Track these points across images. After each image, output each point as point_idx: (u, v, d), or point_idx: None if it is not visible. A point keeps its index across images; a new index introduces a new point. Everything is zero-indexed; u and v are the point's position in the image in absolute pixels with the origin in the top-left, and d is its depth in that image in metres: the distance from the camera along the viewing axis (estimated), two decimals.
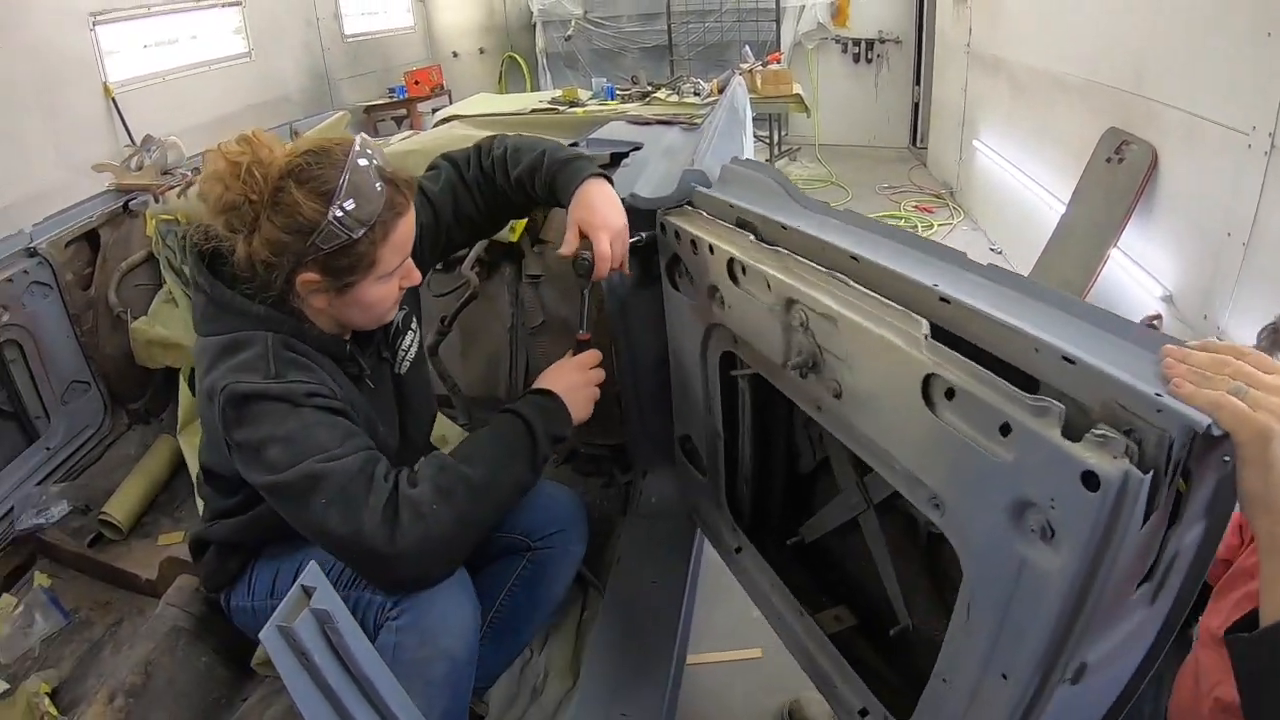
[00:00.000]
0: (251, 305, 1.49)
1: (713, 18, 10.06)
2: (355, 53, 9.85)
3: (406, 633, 1.47)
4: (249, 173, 1.39)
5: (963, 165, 7.39)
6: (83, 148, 5.86)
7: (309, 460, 1.38)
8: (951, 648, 1.17)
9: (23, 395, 2.66)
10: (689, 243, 1.67)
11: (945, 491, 1.07)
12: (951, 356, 1.01)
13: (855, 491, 1.63)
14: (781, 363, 1.43)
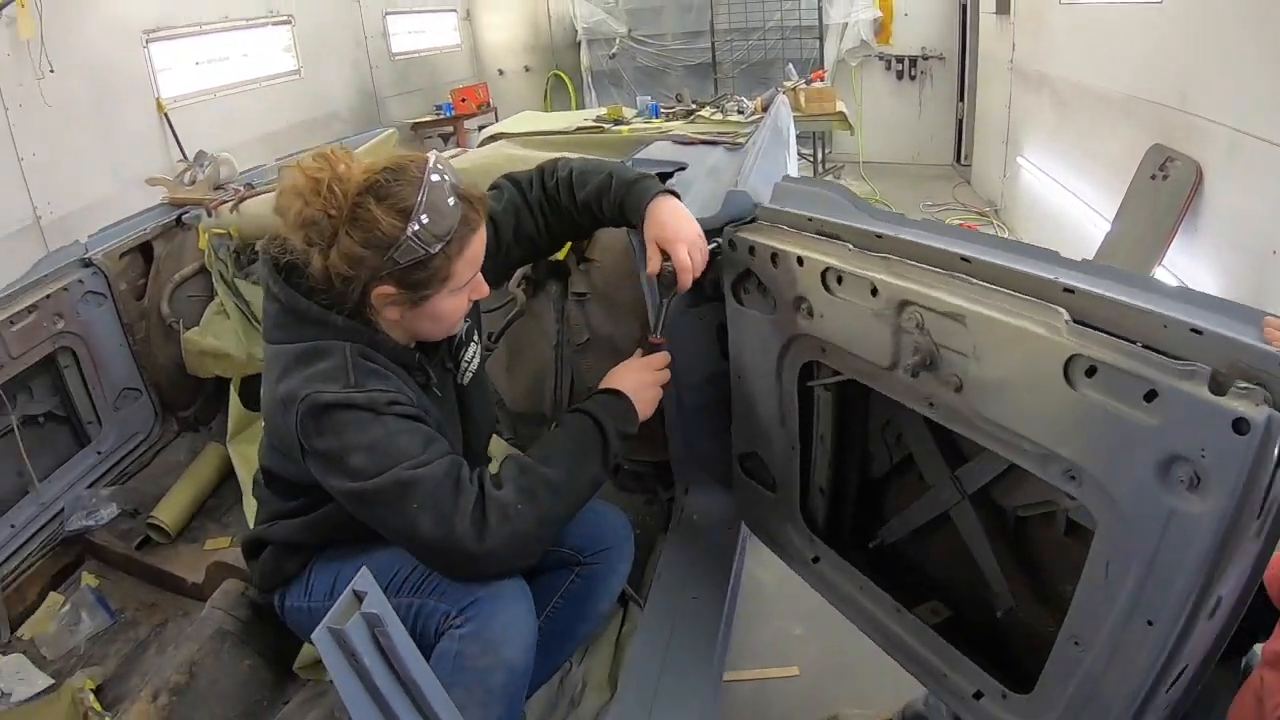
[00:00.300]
0: (329, 315, 1.52)
1: (756, 35, 10.05)
2: (403, 70, 10.01)
3: (469, 641, 1.50)
4: (329, 189, 1.43)
5: (1007, 182, 7.33)
6: (136, 161, 6.00)
7: (397, 467, 1.43)
8: (1085, 608, 1.25)
9: (75, 400, 2.72)
10: (767, 257, 1.69)
11: (1086, 461, 1.16)
12: (1097, 337, 1.11)
13: (948, 486, 1.66)
14: (888, 365, 1.48)
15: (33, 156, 5.43)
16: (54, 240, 5.13)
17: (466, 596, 1.53)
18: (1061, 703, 1.34)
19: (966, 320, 1.28)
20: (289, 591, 1.79)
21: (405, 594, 1.59)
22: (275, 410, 1.54)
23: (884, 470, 1.92)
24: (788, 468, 1.93)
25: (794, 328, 1.70)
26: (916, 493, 1.81)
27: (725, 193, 1.95)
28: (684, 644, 1.87)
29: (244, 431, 2.91)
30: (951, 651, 1.60)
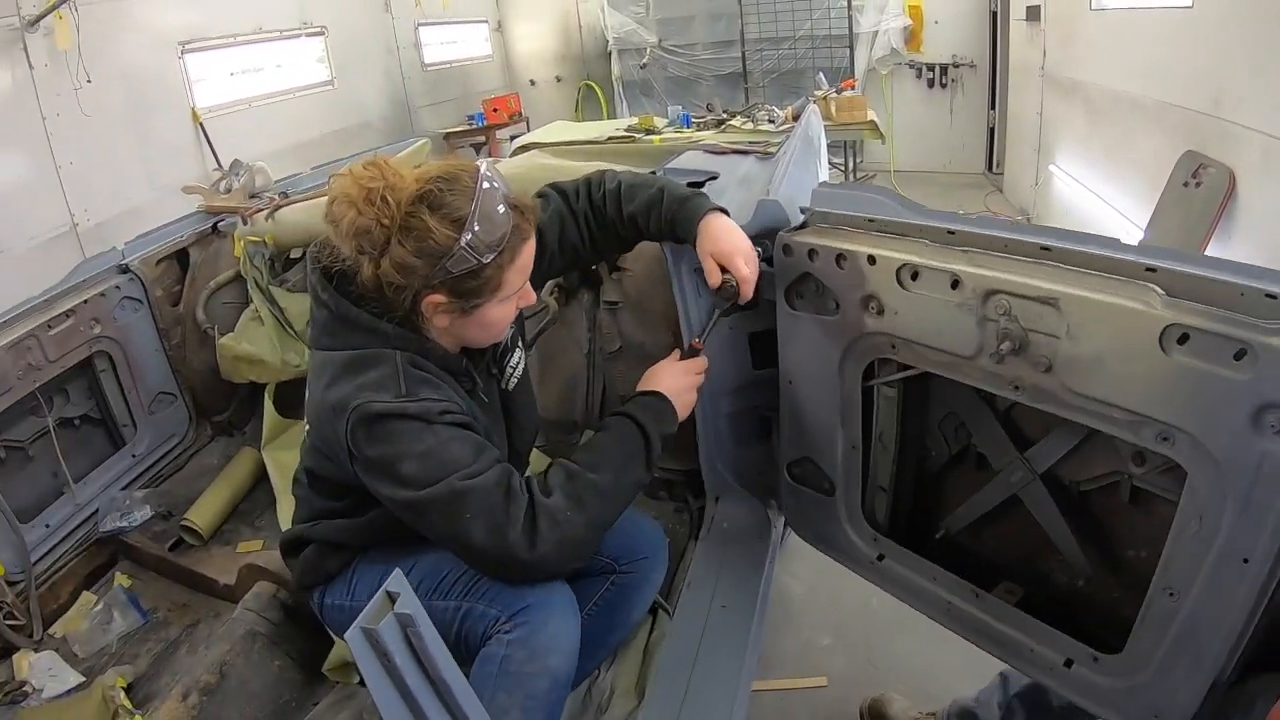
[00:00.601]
0: (379, 323, 1.53)
1: (786, 44, 10.01)
2: (435, 80, 10.10)
3: (518, 647, 1.52)
4: (381, 198, 1.43)
5: (1039, 190, 7.26)
6: (171, 170, 6.10)
7: (451, 477, 1.45)
8: (1178, 559, 1.35)
9: (111, 404, 2.76)
10: (831, 259, 1.70)
11: (1180, 421, 1.26)
12: (1188, 307, 1.21)
13: (1018, 468, 1.70)
14: (971, 354, 1.52)
15: (70, 165, 5.53)
16: (91, 247, 5.22)
17: (517, 603, 1.55)
18: (1157, 655, 1.42)
19: (1060, 303, 1.35)
20: (330, 589, 1.79)
21: (454, 597, 1.61)
22: (323, 416, 1.55)
23: (941, 463, 1.93)
24: (848, 469, 1.93)
25: (860, 327, 1.72)
26: (975, 482, 1.84)
27: (756, 202, 1.96)
28: (712, 652, 1.86)
29: (279, 437, 2.94)
30: (1037, 625, 1.64)
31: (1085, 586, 1.70)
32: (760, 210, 1.94)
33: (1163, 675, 1.42)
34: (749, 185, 2.46)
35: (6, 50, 5.21)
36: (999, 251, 1.47)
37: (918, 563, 1.87)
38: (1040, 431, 1.67)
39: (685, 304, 2.02)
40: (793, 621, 2.87)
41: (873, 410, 1.88)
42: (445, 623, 1.60)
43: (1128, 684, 1.49)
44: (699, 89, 10.58)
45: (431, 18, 9.91)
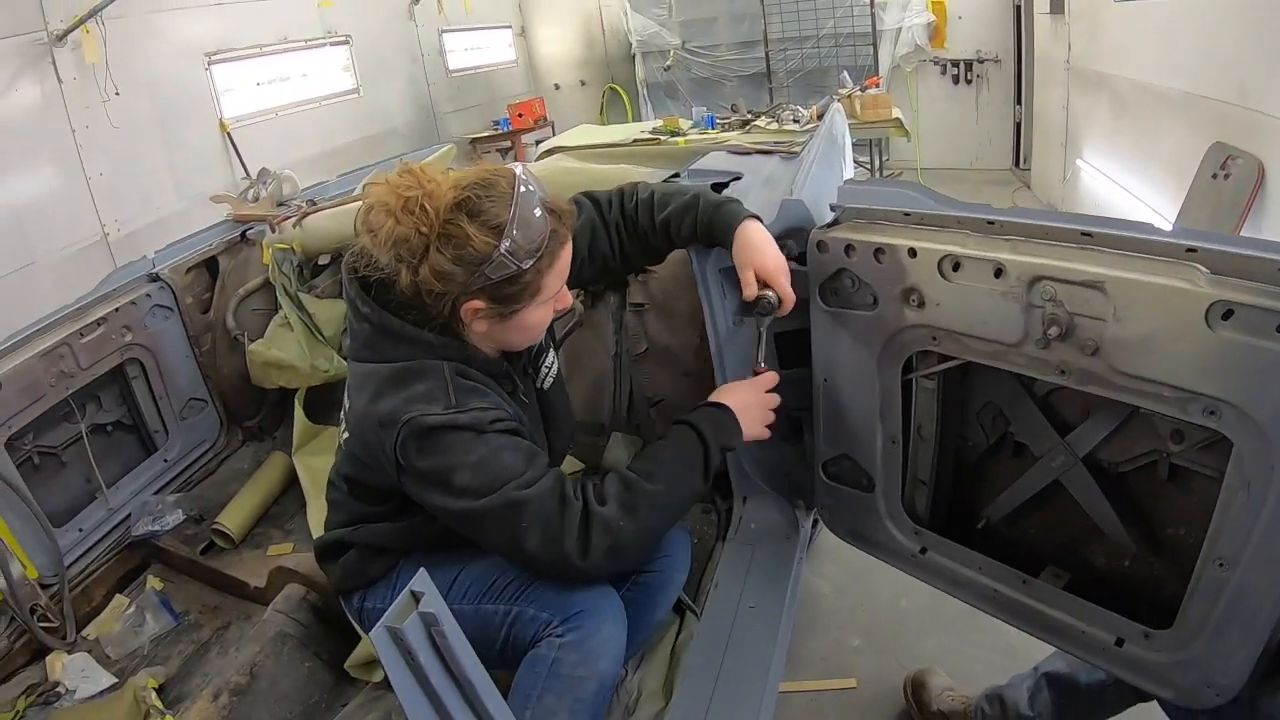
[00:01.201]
0: (423, 333, 1.55)
1: (810, 44, 9.97)
2: (459, 86, 10.17)
3: (569, 650, 1.53)
4: (421, 207, 1.44)
5: (1067, 185, 7.18)
6: (200, 179, 6.20)
7: (505, 487, 1.48)
8: (1227, 530, 1.38)
9: (143, 410, 2.79)
10: (869, 253, 1.71)
11: (1227, 394, 1.29)
12: (1232, 284, 1.24)
13: (1060, 452, 1.72)
14: (1016, 341, 1.54)
15: (100, 176, 5.63)
16: (121, 256, 5.31)
17: (570, 607, 1.57)
18: (1208, 626, 1.44)
19: (1107, 286, 1.38)
20: (371, 593, 1.80)
21: (504, 601, 1.63)
22: (368, 429, 1.55)
23: (980, 453, 1.94)
24: (888, 463, 1.93)
25: (900, 321, 1.72)
26: (1013, 470, 1.86)
27: (780, 202, 1.96)
28: (740, 654, 1.86)
29: (309, 443, 2.96)
30: (1087, 606, 1.66)
31: (1128, 567, 1.73)
32: (784, 210, 1.93)
33: (1215, 645, 1.45)
34: (773, 185, 2.46)
35: (35, 64, 5.29)
36: (1041, 239, 1.49)
37: (962, 553, 1.87)
38: (1078, 416, 1.70)
39: (711, 306, 2.02)
40: (821, 622, 2.85)
41: (911, 403, 1.88)
42: (494, 626, 1.62)
43: (1180, 657, 1.51)
44: (723, 90, 10.56)
45: (455, 24, 9.97)
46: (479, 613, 1.63)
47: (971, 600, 1.87)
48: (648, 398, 2.66)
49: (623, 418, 2.80)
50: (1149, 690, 1.59)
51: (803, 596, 2.36)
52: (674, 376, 2.59)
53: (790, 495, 2.24)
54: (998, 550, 1.83)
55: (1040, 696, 2.07)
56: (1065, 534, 1.83)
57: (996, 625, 2.66)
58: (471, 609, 1.64)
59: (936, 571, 1.92)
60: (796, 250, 1.92)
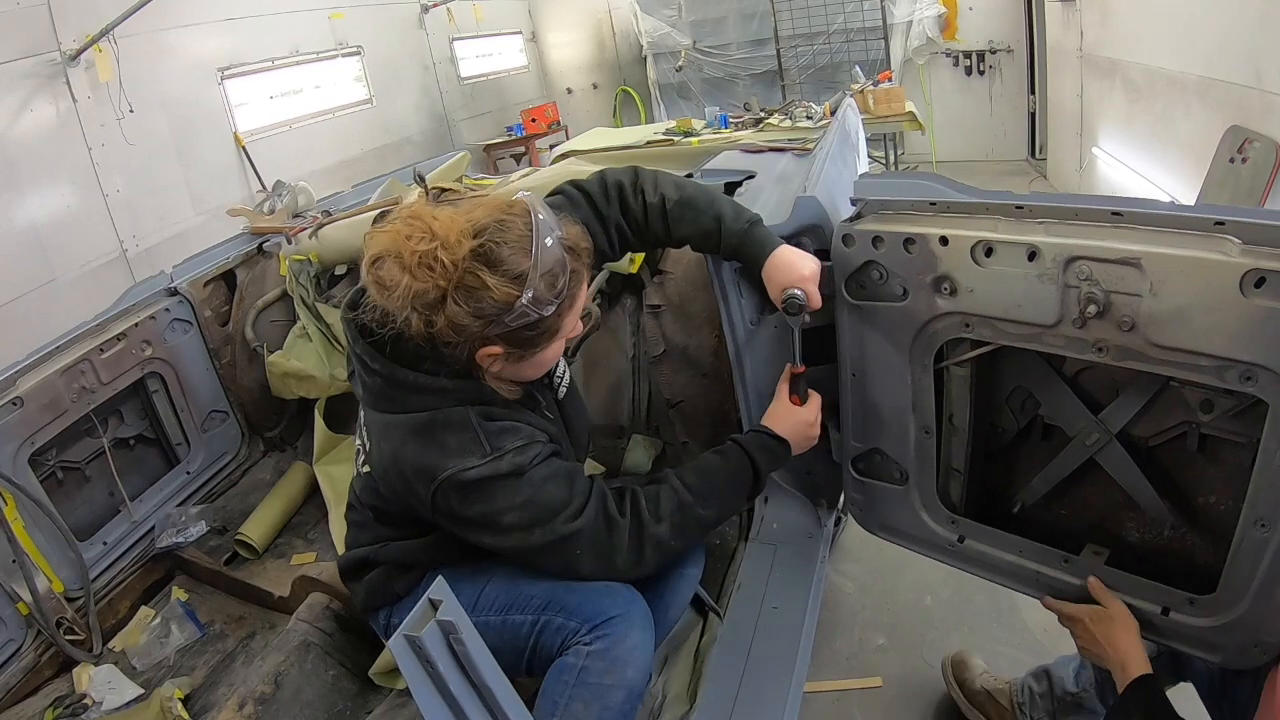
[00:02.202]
0: (439, 381, 1.52)
1: (821, 40, 9.92)
2: (472, 94, 10.21)
3: (597, 658, 1.53)
4: (437, 260, 1.37)
5: (1084, 174, 7.13)
6: (216, 193, 6.25)
7: (554, 522, 1.52)
8: (1267, 491, 1.42)
9: (165, 423, 2.81)
10: (898, 244, 1.70)
11: (1264, 358, 1.33)
12: (1264, 252, 1.29)
13: (1093, 430, 1.75)
14: (1053, 322, 1.55)
15: (117, 193, 5.68)
16: (140, 271, 5.38)
17: (598, 615, 1.56)
18: (1251, 588, 1.49)
19: (1143, 262, 1.40)
20: (397, 609, 1.79)
21: (531, 611, 1.62)
22: (396, 478, 1.55)
23: (1010, 438, 1.95)
24: (921, 454, 1.93)
25: (932, 309, 1.72)
26: (1044, 452, 1.89)
27: (795, 199, 1.95)
28: (764, 655, 1.85)
29: (330, 452, 2.97)
30: (1131, 579, 1.69)
31: (1164, 540, 1.77)
32: (799, 207, 1.92)
33: (1260, 606, 1.49)
34: (786, 183, 2.45)
35: (50, 84, 5.34)
36: (1072, 220, 1.52)
37: (1001, 538, 1.87)
38: (1108, 394, 1.73)
39: (728, 307, 2.01)
40: (845, 621, 2.83)
41: (943, 393, 1.88)
42: (521, 636, 1.62)
43: (1226, 620, 1.55)
44: (735, 89, 10.56)
45: (466, 32, 10.02)
46: (506, 624, 1.63)
47: (1013, 584, 1.88)
48: (666, 399, 2.65)
49: (642, 419, 2.80)
50: (1198, 655, 1.61)
51: (826, 596, 2.34)
52: (692, 377, 2.58)
53: (812, 494, 2.23)
54: (1034, 533, 1.85)
55: (1084, 673, 2.08)
56: (1099, 512, 1.86)
57: (1021, 620, 2.67)
58: (499, 620, 1.64)
59: (975, 559, 1.93)
60: (813, 247, 1.91)
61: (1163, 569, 1.70)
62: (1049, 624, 2.60)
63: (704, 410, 2.58)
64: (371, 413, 1.62)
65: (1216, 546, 1.63)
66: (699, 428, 2.60)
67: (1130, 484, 1.74)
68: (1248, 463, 1.49)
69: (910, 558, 2.08)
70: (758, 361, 2.03)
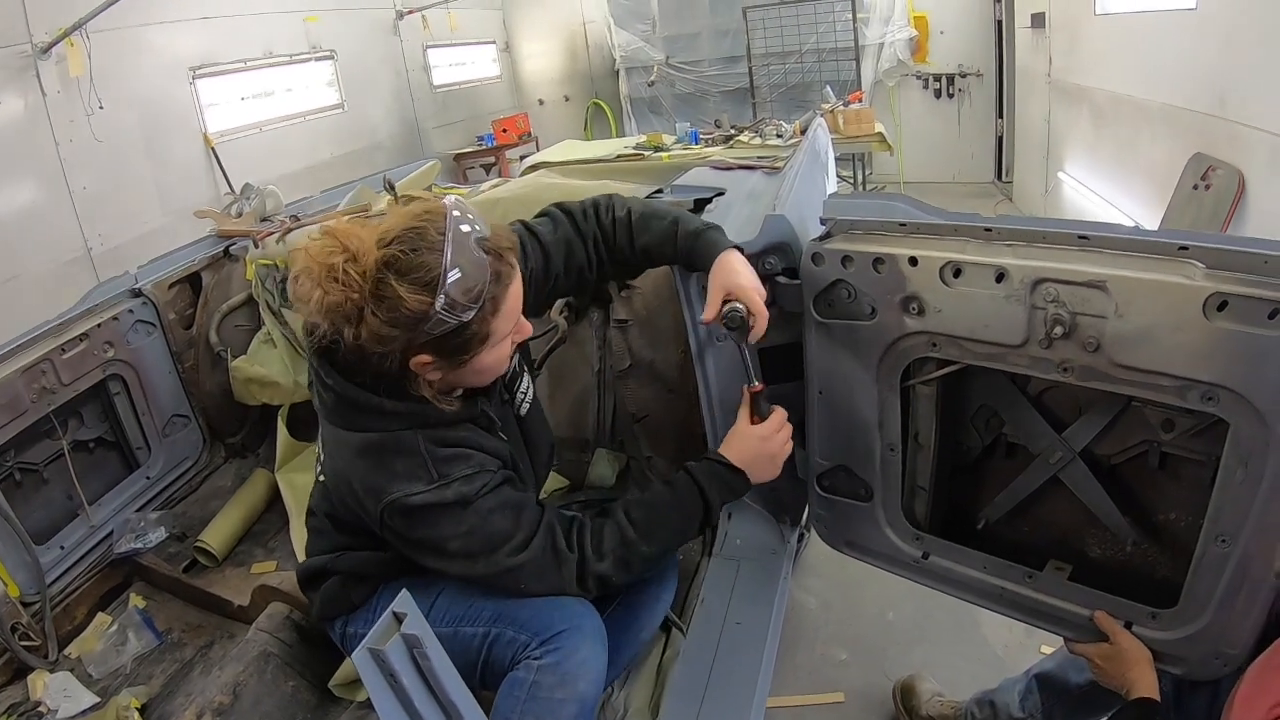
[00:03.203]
0: (388, 403, 1.50)
1: (793, 59, 10.03)
2: (444, 102, 10.17)
3: (547, 672, 1.53)
4: (344, 272, 1.34)
5: (1049, 198, 7.23)
6: (184, 194, 6.16)
7: (498, 554, 1.53)
8: (1227, 507, 1.46)
9: (125, 426, 2.78)
10: (868, 264, 1.72)
11: (1224, 379, 1.37)
12: (1225, 276, 1.33)
13: (1057, 448, 1.79)
14: (1020, 342, 1.59)
15: (83, 190, 5.59)
16: (105, 271, 5.27)
17: (549, 629, 1.57)
18: (1213, 601, 1.54)
19: (1108, 285, 1.44)
20: (353, 619, 1.79)
21: (481, 624, 1.62)
22: (348, 493, 1.56)
23: (974, 456, 1.99)
24: (887, 471, 1.94)
25: (900, 329, 1.74)
26: (1007, 470, 1.93)
27: (764, 217, 1.96)
28: (727, 670, 1.85)
29: (292, 460, 2.95)
30: (1095, 594, 1.73)
31: (1125, 555, 1.82)
32: (767, 225, 1.94)
33: (1221, 618, 1.54)
34: (756, 200, 2.47)
35: (19, 77, 5.26)
36: (1039, 244, 1.55)
37: (965, 554, 1.90)
38: (1072, 413, 1.78)
39: (694, 322, 2.02)
40: (807, 637, 2.85)
41: (909, 410, 1.90)
42: (473, 649, 1.62)
43: (1188, 632, 1.60)
44: (707, 105, 10.64)
45: (440, 40, 9.98)
46: (457, 636, 1.62)
47: (977, 600, 1.91)
48: (631, 413, 2.66)
49: (606, 433, 2.80)
50: (1161, 668, 1.63)
51: (789, 611, 2.36)
52: (658, 392, 2.59)
53: (776, 510, 2.24)
54: (998, 549, 1.87)
55: (1031, 698, 2.09)
56: (1062, 528, 1.90)
57: (982, 636, 2.70)
58: (450, 632, 1.63)
59: (940, 575, 1.95)
60: (780, 266, 1.93)
61: (1125, 584, 1.73)
62: (1009, 640, 2.65)
63: (669, 425, 2.58)
64: (326, 426, 1.61)
65: (1177, 561, 1.68)
66: (664, 442, 2.61)
67: (1093, 501, 1.78)
68: (1207, 480, 1.53)
69: (872, 574, 2.10)
70: (722, 376, 2.04)
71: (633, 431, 2.70)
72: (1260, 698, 1.33)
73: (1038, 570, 1.81)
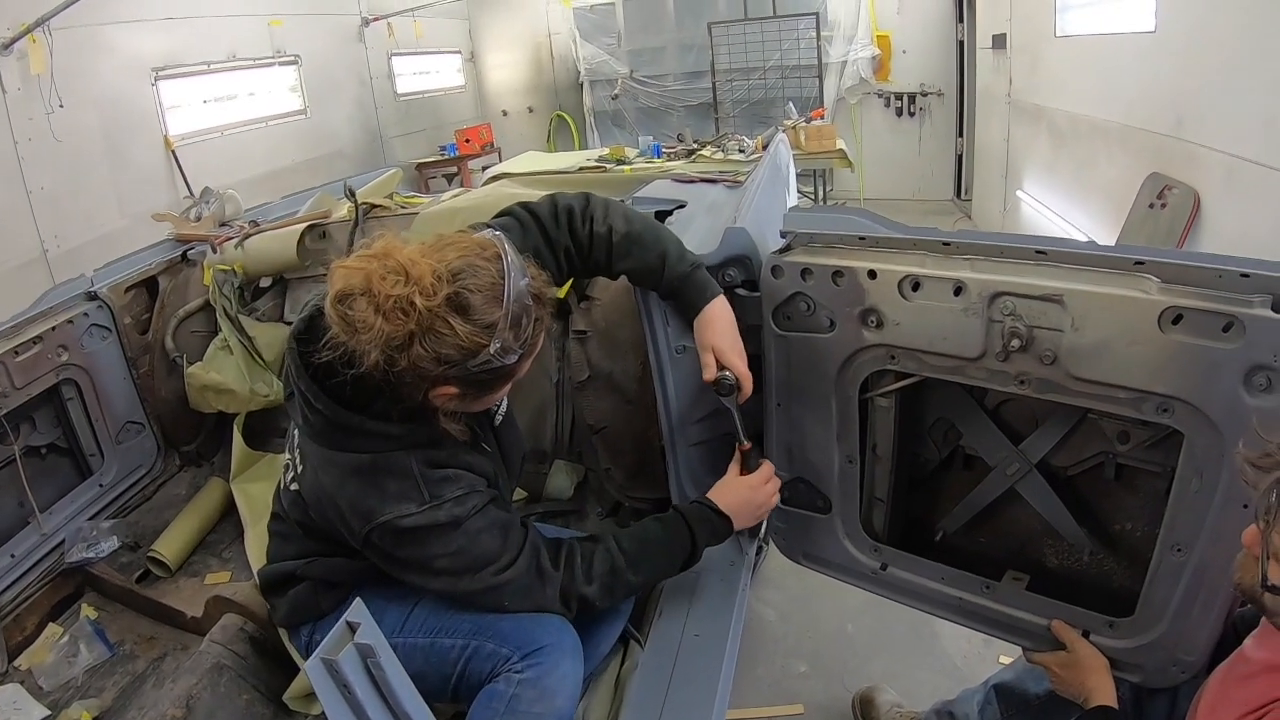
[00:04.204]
0: (385, 426, 1.49)
1: (757, 75, 10.13)
2: (407, 111, 10.15)
3: (527, 686, 1.54)
4: (413, 306, 1.31)
5: (1007, 216, 7.35)
6: (143, 197, 6.09)
7: (484, 572, 1.54)
8: (1182, 517, 1.50)
9: (79, 432, 2.71)
10: (827, 276, 1.74)
11: (1180, 391, 1.41)
12: (1180, 291, 1.37)
13: (1014, 460, 1.83)
14: (977, 355, 1.61)
15: (41, 190, 5.51)
16: (61, 273, 5.20)
17: (530, 643, 1.58)
18: (1169, 609, 1.58)
19: (1065, 299, 1.47)
20: (320, 626, 1.77)
21: (460, 635, 1.63)
22: (331, 510, 1.55)
23: (932, 468, 2.03)
24: (845, 484, 1.97)
25: (859, 341, 1.76)
26: (965, 481, 1.98)
27: (724, 230, 1.98)
28: (685, 682, 1.84)
29: (248, 470, 2.91)
30: (1052, 604, 1.76)
31: (1082, 565, 1.87)
32: (728, 238, 1.96)
33: (1178, 626, 1.58)
34: (717, 213, 2.48)
35: None
36: (997, 258, 1.58)
37: (924, 566, 1.93)
38: (1028, 425, 1.83)
39: (654, 334, 2.02)
40: (767, 649, 2.87)
41: (867, 423, 1.93)
42: (449, 660, 1.62)
43: (1145, 640, 1.64)
44: (670, 119, 10.70)
45: (405, 48, 9.96)
46: (434, 647, 1.63)
47: (935, 611, 1.94)
48: (590, 425, 2.65)
49: (565, 445, 2.80)
50: (1119, 675, 1.66)
51: (748, 624, 2.37)
52: (616, 404, 2.59)
53: None
54: (956, 560, 1.90)
55: (990, 708, 2.11)
56: (1019, 539, 1.96)
57: (941, 647, 2.73)
58: (426, 643, 1.64)
59: (898, 586, 1.98)
60: (740, 278, 1.95)
61: (1082, 593, 1.78)
62: (968, 650, 2.68)
63: (627, 437, 2.58)
64: (310, 445, 1.58)
65: (1133, 570, 1.74)
66: (622, 454, 2.61)
67: (1049, 512, 1.83)
68: (1162, 490, 1.59)
69: (831, 586, 2.12)
70: (682, 389, 2.05)
71: (591, 443, 2.69)
72: (1224, 709, 1.35)
73: (995, 581, 1.84)
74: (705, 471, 2.12)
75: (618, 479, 2.62)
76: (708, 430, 2.10)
